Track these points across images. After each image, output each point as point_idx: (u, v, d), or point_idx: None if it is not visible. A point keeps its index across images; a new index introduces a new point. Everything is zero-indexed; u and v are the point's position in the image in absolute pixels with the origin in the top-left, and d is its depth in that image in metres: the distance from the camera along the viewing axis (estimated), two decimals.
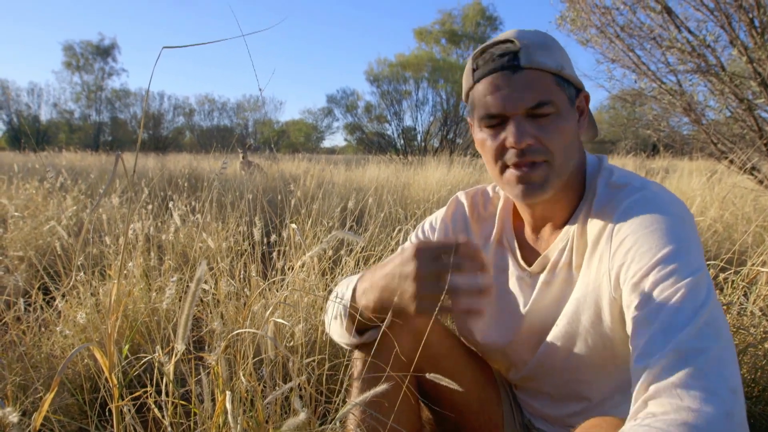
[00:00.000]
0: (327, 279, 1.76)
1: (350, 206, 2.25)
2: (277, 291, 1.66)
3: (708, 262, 1.68)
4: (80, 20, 70.57)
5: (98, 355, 0.55)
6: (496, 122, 0.83)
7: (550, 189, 0.83)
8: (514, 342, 0.97)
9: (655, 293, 0.68)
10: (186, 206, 2.50)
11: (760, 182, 3.84)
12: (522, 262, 0.97)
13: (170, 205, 1.58)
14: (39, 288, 1.64)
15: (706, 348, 0.61)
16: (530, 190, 0.83)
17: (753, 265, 1.75)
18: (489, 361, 1.10)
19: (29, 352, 1.50)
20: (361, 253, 1.91)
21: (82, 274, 1.65)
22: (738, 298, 1.55)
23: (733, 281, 1.62)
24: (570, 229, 0.88)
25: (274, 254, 1.80)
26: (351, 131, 24.15)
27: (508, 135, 0.81)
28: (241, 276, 1.72)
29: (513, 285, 0.97)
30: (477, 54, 0.85)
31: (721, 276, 1.66)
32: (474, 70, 0.86)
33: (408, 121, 24.73)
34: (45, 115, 35.73)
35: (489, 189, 1.08)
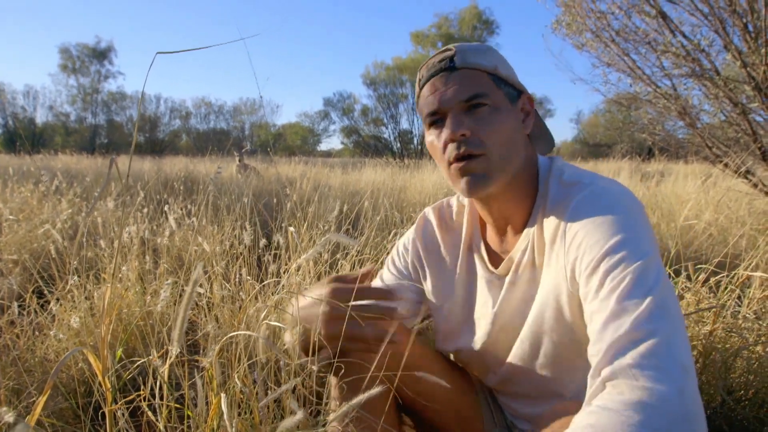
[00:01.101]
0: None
1: (346, 209, 2.25)
2: (272, 294, 1.66)
3: (702, 266, 1.69)
4: (77, 23, 70.51)
5: (92, 359, 0.55)
6: (437, 118, 0.89)
7: (492, 182, 0.87)
8: (487, 344, 1.00)
9: (607, 281, 0.71)
10: (182, 209, 2.49)
11: (755, 186, 3.86)
12: (489, 266, 1.00)
13: (166, 208, 1.57)
14: (33, 291, 1.64)
15: (656, 329, 0.64)
16: (473, 181, 0.86)
17: (746, 268, 1.76)
18: (467, 367, 1.12)
19: (23, 356, 1.49)
20: (357, 256, 1.91)
21: (76, 277, 1.65)
22: (731, 302, 1.56)
23: (727, 284, 1.62)
24: (530, 231, 0.91)
25: (270, 257, 1.80)
26: (347, 134, 24.18)
27: (446, 128, 0.86)
28: (237, 279, 1.72)
29: (482, 288, 1.01)
30: (422, 66, 0.93)
31: (713, 279, 1.67)
32: (419, 80, 0.94)
33: (404, 125, 24.74)
34: (41, 117, 35.64)
35: (453, 200, 1.12)
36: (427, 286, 1.10)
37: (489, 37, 30.31)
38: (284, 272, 1.80)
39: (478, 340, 1.01)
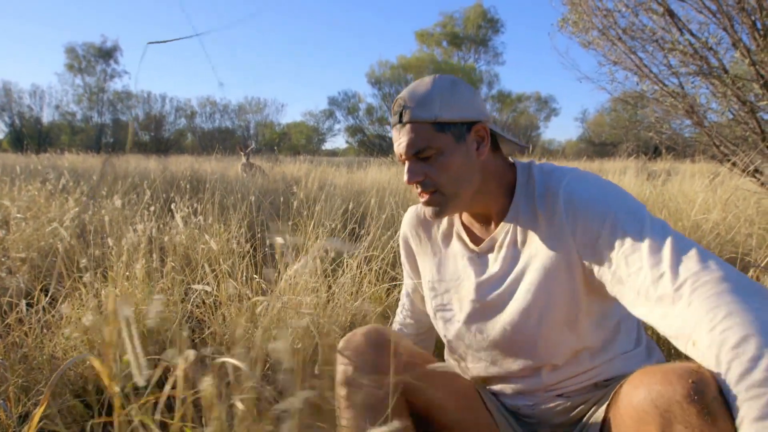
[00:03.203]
0: (329, 280, 1.76)
1: (352, 208, 2.25)
2: (279, 293, 1.66)
3: None
4: (83, 22, 70.78)
5: (97, 365, 0.55)
6: (403, 161, 1.05)
7: (449, 209, 1.04)
8: (477, 319, 1.09)
9: (626, 239, 0.85)
10: (188, 208, 2.49)
11: (763, 185, 3.83)
12: (471, 245, 1.12)
13: (172, 207, 1.57)
14: (41, 289, 1.64)
15: (684, 247, 0.79)
16: (434, 212, 1.04)
17: (756, 269, 1.74)
18: (464, 359, 1.17)
19: (31, 354, 1.50)
20: (364, 252, 1.91)
21: (89, 273, 1.65)
22: None
23: None
24: (513, 216, 1.04)
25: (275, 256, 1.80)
26: (352, 134, 24.18)
27: (405, 174, 1.04)
28: (243, 278, 1.72)
29: (465, 266, 1.12)
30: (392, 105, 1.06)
31: None
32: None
33: None
34: (47, 117, 35.80)
35: None
36: (423, 273, 1.24)
37: (494, 35, 30.26)
38: (293, 271, 1.80)
39: (469, 317, 1.10)
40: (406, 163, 1.03)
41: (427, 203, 1.05)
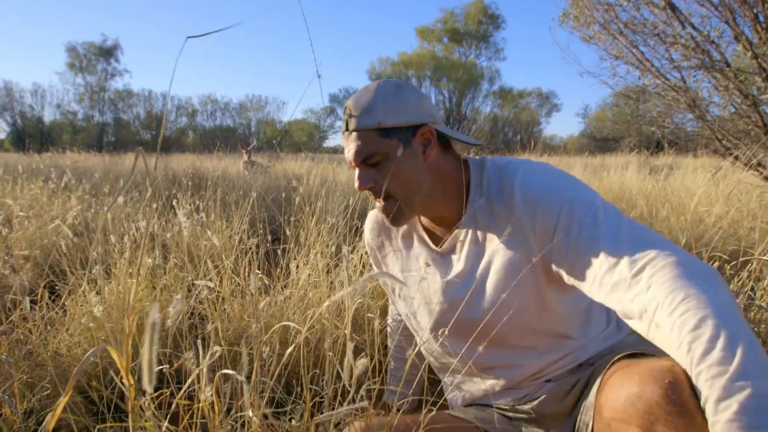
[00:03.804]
0: (331, 276, 1.76)
1: (353, 203, 2.25)
2: (282, 289, 1.66)
3: (718, 254, 1.68)
4: (83, 21, 70.80)
5: (115, 356, 0.55)
6: (354, 168, 1.06)
7: (405, 215, 1.05)
8: (448, 318, 1.08)
9: (582, 228, 0.87)
10: (190, 205, 2.50)
11: (766, 178, 3.82)
12: (432, 245, 1.13)
13: (174, 203, 1.58)
14: (45, 286, 1.65)
15: (638, 230, 0.83)
16: (392, 219, 1.06)
17: (758, 263, 1.74)
18: (445, 367, 1.18)
19: (35, 350, 1.50)
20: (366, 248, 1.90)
21: (96, 268, 1.66)
22: (746, 293, 1.54)
23: (739, 277, 1.61)
24: (473, 212, 1.04)
25: (279, 252, 1.80)
26: None
27: (356, 180, 1.05)
28: (246, 274, 1.72)
29: (426, 266, 1.13)
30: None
31: (727, 267, 1.66)
32: None
33: None
34: (48, 116, 35.88)
35: None
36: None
37: (495, 31, 30.19)
38: (295, 267, 1.80)
39: (439, 317, 1.11)
40: (357, 170, 1.05)
41: (382, 210, 1.07)
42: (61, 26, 70.24)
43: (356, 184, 1.04)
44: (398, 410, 1.10)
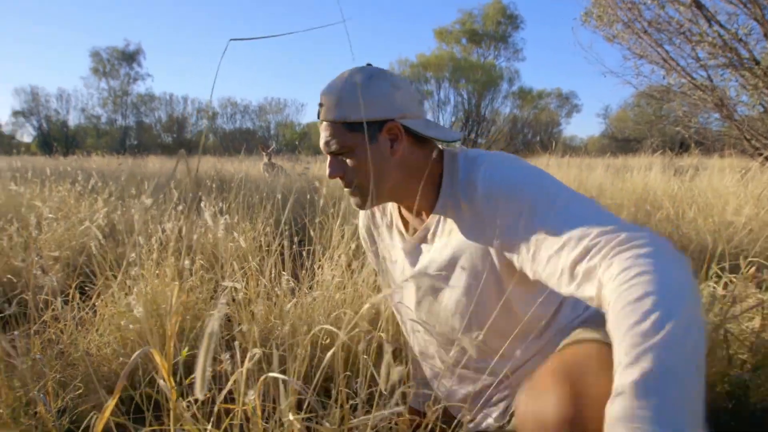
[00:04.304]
0: (355, 276, 1.77)
1: None
2: (308, 290, 1.66)
3: (755, 259, 1.63)
4: (106, 25, 72.14)
5: (158, 358, 0.56)
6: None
7: (371, 202, 1.07)
8: (424, 307, 1.11)
9: (536, 230, 0.85)
10: (214, 207, 2.52)
11: None
12: (406, 235, 1.15)
13: (202, 205, 1.59)
14: (76, 287, 1.68)
15: (601, 218, 0.80)
16: (356, 206, 1.10)
17: None
18: (431, 360, 1.19)
19: (67, 350, 1.53)
20: None
21: (133, 269, 1.68)
22: None
23: None
24: (442, 206, 1.05)
25: (304, 253, 1.81)
26: None
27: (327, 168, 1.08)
28: (272, 275, 1.73)
29: (402, 257, 1.16)
30: None
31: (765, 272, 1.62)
32: None
33: None
34: (73, 120, 36.71)
35: None
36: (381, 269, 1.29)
37: (514, 32, 30.00)
38: (318, 268, 1.81)
39: (417, 307, 1.13)
40: (328, 158, 1.07)
41: (352, 196, 1.09)
42: (85, 31, 71.72)
43: (327, 172, 1.07)
44: (424, 414, 1.09)
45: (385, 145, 1.03)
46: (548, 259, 0.83)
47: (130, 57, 36.82)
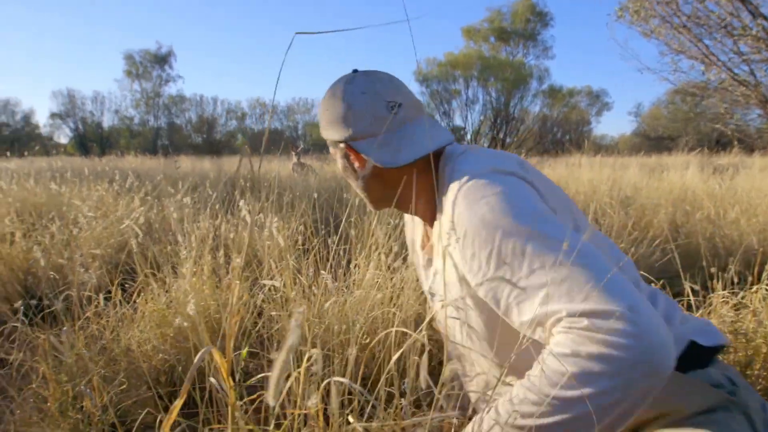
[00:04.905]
0: (395, 279, 1.75)
1: None
2: (345, 289, 1.66)
3: None
4: (138, 28, 73.86)
5: (217, 357, 0.56)
6: None
7: (378, 208, 1.11)
8: (442, 323, 1.04)
9: (494, 272, 0.80)
10: (248, 206, 2.54)
11: None
12: (418, 249, 1.16)
13: (241, 203, 1.60)
14: (118, 284, 1.71)
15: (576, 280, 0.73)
16: (370, 209, 1.14)
17: None
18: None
19: (109, 346, 1.56)
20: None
21: (183, 268, 1.70)
22: None
23: None
24: (438, 220, 0.98)
25: (340, 252, 1.80)
26: None
27: None
28: (309, 273, 1.73)
29: (423, 271, 1.15)
30: None
31: None
32: None
33: (458, 121, 24.55)
34: (107, 121, 37.68)
35: None
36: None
37: (543, 29, 29.60)
38: (355, 267, 1.80)
39: (437, 319, 1.10)
40: None
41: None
42: (118, 33, 73.51)
43: None
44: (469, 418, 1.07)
45: (353, 161, 1.04)
46: (515, 316, 0.80)
47: (162, 59, 37.65)
